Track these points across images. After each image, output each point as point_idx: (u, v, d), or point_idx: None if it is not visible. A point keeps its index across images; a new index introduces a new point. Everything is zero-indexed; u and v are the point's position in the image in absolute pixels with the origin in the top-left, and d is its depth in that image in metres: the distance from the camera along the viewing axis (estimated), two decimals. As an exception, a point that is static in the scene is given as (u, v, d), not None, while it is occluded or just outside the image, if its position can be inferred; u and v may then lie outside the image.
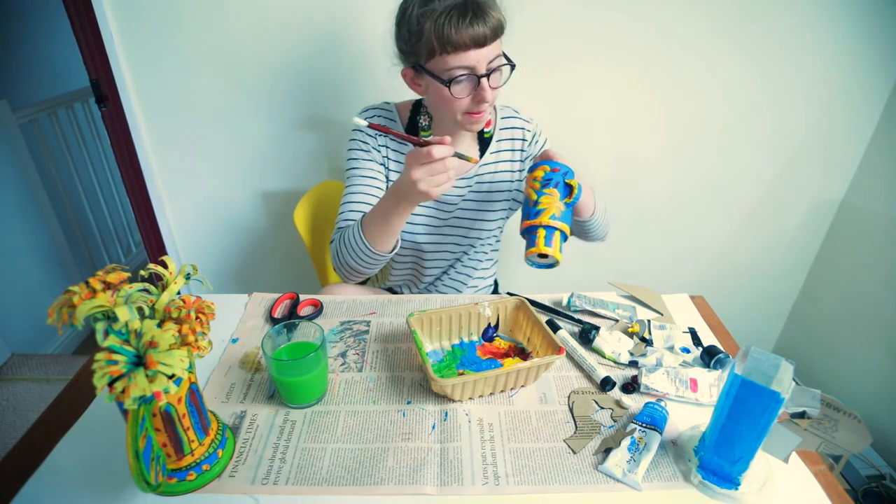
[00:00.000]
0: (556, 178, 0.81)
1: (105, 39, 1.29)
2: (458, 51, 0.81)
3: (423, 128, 0.97)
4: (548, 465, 0.64)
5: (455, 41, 0.80)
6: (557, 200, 0.80)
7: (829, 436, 0.56)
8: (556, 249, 0.79)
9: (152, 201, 1.50)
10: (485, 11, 0.80)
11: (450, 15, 0.79)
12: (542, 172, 0.82)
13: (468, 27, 0.79)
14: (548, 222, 0.79)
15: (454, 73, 0.83)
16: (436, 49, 0.82)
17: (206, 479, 0.61)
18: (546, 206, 0.80)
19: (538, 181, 0.82)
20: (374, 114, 0.99)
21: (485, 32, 0.80)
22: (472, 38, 0.80)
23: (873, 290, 1.47)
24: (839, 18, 1.30)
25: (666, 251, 1.64)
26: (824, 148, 1.48)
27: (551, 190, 0.81)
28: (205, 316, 0.56)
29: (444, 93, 0.85)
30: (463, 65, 0.82)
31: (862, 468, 1.34)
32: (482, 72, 0.84)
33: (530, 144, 1.04)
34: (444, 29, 0.79)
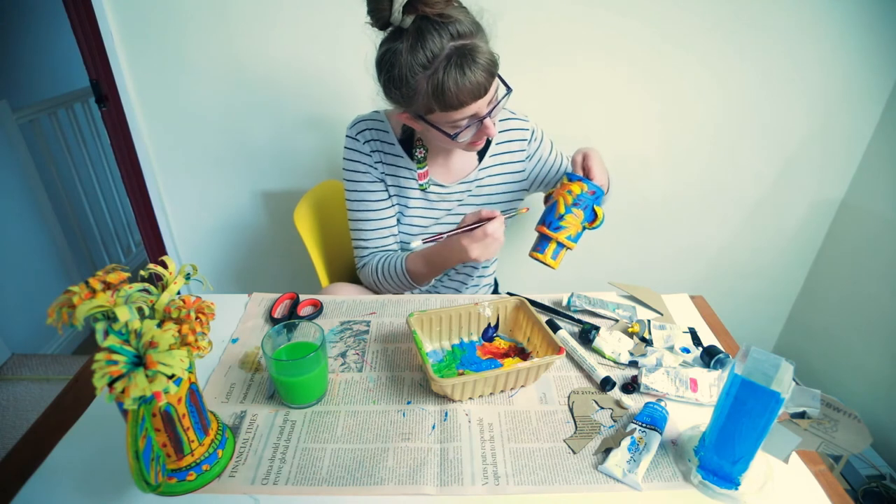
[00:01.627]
0: (588, 201, 0.85)
1: (105, 39, 1.29)
2: (458, 108, 0.79)
3: (419, 160, 0.97)
4: (548, 465, 0.64)
5: (456, 102, 0.77)
6: (579, 223, 0.86)
7: (829, 436, 0.56)
8: (557, 262, 0.88)
9: (152, 201, 1.50)
10: (476, 57, 0.76)
11: (447, 73, 0.75)
12: (578, 189, 0.85)
13: (465, 82, 0.76)
14: (562, 240, 0.86)
15: (459, 124, 0.82)
16: (434, 108, 0.79)
17: (206, 480, 0.61)
18: (568, 225, 0.86)
19: (572, 196, 0.85)
20: (366, 126, 0.97)
21: (482, 82, 0.77)
22: (472, 92, 0.77)
23: (873, 290, 1.47)
24: (839, 18, 1.30)
25: (666, 251, 1.64)
26: (824, 148, 1.48)
27: (578, 212, 0.85)
28: (205, 316, 0.56)
29: (446, 138, 0.84)
30: (465, 116, 0.81)
31: (862, 468, 1.34)
32: (484, 113, 0.82)
33: (530, 142, 1.04)
34: (444, 91, 0.76)
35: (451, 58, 0.75)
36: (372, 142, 0.96)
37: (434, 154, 0.99)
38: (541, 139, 1.05)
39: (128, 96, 1.36)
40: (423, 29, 0.75)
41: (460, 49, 0.76)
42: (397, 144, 0.97)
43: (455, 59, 0.75)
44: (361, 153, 0.97)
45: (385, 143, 0.97)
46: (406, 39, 0.76)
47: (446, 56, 0.75)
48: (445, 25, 0.75)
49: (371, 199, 0.98)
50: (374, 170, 0.97)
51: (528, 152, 1.04)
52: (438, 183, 1.00)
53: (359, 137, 0.96)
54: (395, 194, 1.00)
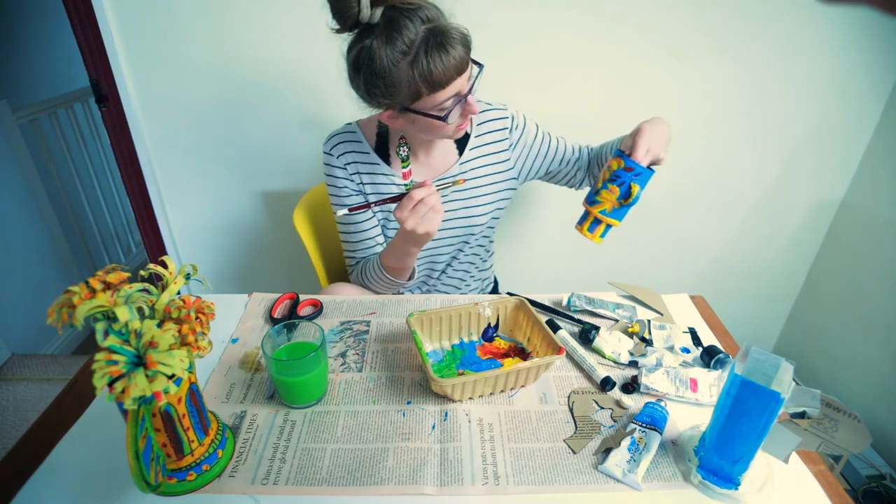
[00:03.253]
0: (624, 178, 0.85)
1: (105, 39, 1.29)
2: (445, 86, 0.80)
3: (403, 159, 0.96)
4: (548, 465, 0.64)
5: (444, 79, 0.78)
6: (614, 199, 0.86)
7: (829, 436, 0.56)
8: (596, 235, 0.89)
9: (152, 201, 1.50)
10: (451, 34, 0.77)
11: (430, 53, 0.76)
12: (616, 165, 0.85)
13: (450, 59, 0.77)
14: (597, 215, 0.87)
15: (446, 105, 0.82)
16: (423, 91, 0.80)
17: (206, 480, 0.61)
18: (602, 200, 0.86)
19: (609, 171, 0.85)
20: (339, 140, 0.98)
21: (462, 55, 0.79)
22: (456, 67, 0.78)
23: (873, 290, 1.47)
24: (839, 19, 1.30)
25: (666, 251, 1.64)
26: (824, 148, 1.48)
27: (614, 188, 0.85)
28: (205, 316, 0.56)
29: (436, 123, 0.85)
30: (451, 95, 0.81)
31: (862, 468, 1.34)
32: (467, 90, 0.83)
33: (512, 131, 1.02)
34: (431, 72, 0.77)
35: (429, 40, 0.77)
36: (346, 154, 0.98)
37: (414, 151, 0.99)
38: (523, 125, 1.03)
39: (128, 96, 1.36)
40: (395, 18, 0.76)
41: (434, 30, 0.77)
42: (372, 153, 0.98)
43: (433, 39, 0.77)
44: (337, 167, 0.98)
45: (360, 154, 0.98)
46: (379, 33, 0.77)
47: (423, 40, 0.77)
48: (414, 11, 0.77)
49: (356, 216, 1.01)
50: (352, 182, 0.99)
51: (510, 141, 1.02)
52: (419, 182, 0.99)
53: (333, 152, 0.98)
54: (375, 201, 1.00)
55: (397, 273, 0.98)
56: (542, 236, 1.60)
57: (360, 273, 1.04)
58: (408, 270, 0.98)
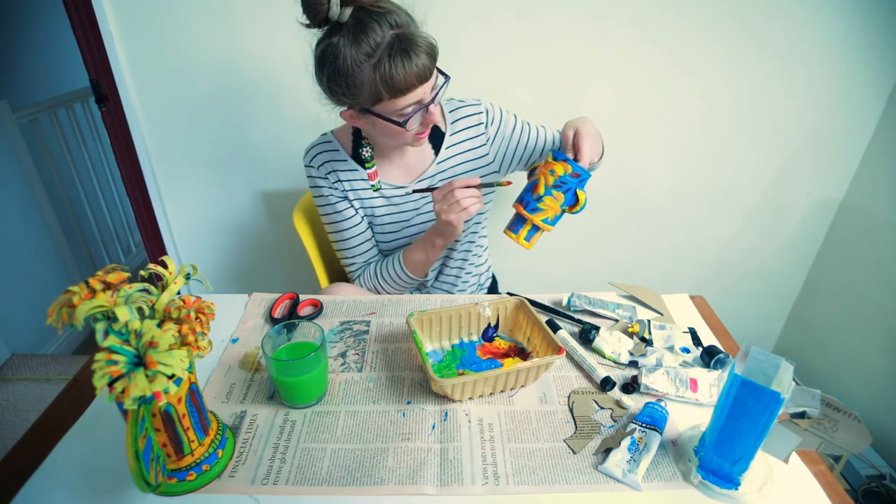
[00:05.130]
0: (571, 184, 0.80)
1: (105, 39, 1.29)
2: (407, 92, 0.80)
3: (367, 159, 0.97)
4: (548, 465, 0.64)
5: (405, 85, 0.79)
6: (558, 206, 0.82)
7: (829, 436, 0.56)
8: (531, 244, 0.85)
9: (152, 201, 1.50)
10: (416, 41, 0.78)
11: (393, 58, 0.76)
12: (562, 171, 0.80)
13: (413, 66, 0.77)
14: (538, 223, 0.82)
15: (405, 111, 0.82)
16: (384, 95, 0.80)
17: (206, 480, 0.61)
18: (546, 207, 0.81)
19: (554, 176, 0.80)
20: (317, 151, 0.99)
21: (427, 63, 0.79)
22: (418, 75, 0.79)
23: (873, 290, 1.47)
24: (839, 18, 1.30)
25: (666, 251, 1.64)
26: (824, 148, 1.48)
27: (559, 194, 0.81)
28: (205, 316, 0.56)
29: (394, 129, 0.85)
30: (411, 102, 0.82)
31: (862, 468, 1.34)
32: (429, 100, 0.84)
33: (488, 125, 1.01)
34: (392, 77, 0.77)
35: (394, 45, 0.77)
36: (325, 164, 0.99)
37: (385, 155, 0.99)
38: (499, 118, 1.02)
39: (128, 96, 1.36)
40: (363, 20, 0.77)
41: (401, 36, 0.77)
42: (350, 160, 0.99)
43: (398, 45, 0.77)
44: (319, 178, 0.99)
45: (338, 162, 0.99)
46: (346, 32, 0.77)
47: (388, 44, 0.77)
48: (383, 15, 0.77)
49: (341, 218, 1.01)
50: (336, 190, 0.99)
51: (487, 135, 1.01)
52: (396, 185, 1.00)
53: (313, 164, 0.99)
54: (360, 207, 1.01)
55: (418, 267, 0.99)
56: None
57: (372, 275, 1.04)
58: (430, 264, 1.00)
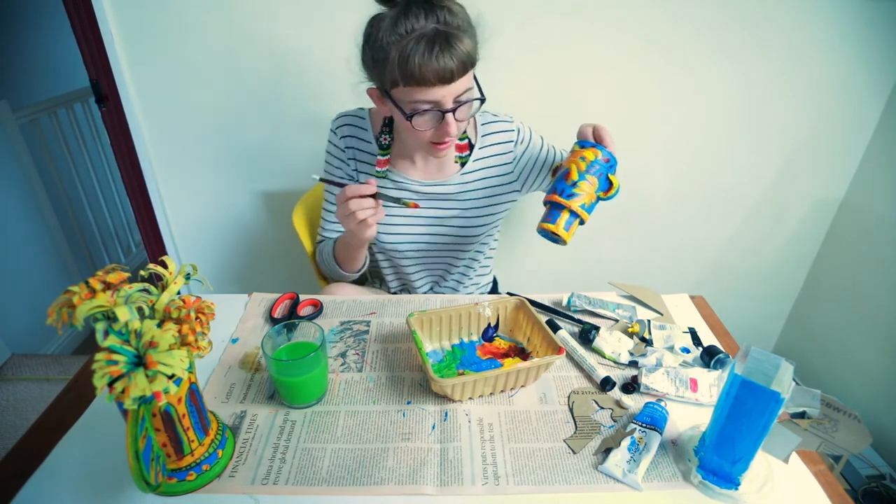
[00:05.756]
0: (603, 169, 0.79)
1: (105, 39, 1.29)
2: (421, 86, 0.77)
3: (382, 146, 0.95)
4: (548, 465, 0.64)
5: (419, 76, 0.76)
6: (594, 191, 0.79)
7: (829, 436, 0.56)
8: (570, 234, 0.80)
9: (152, 201, 1.50)
10: (453, 44, 0.75)
11: (417, 46, 0.75)
12: (592, 155, 0.79)
13: (433, 61, 0.75)
14: (576, 209, 0.78)
15: (417, 106, 0.80)
16: (398, 80, 0.78)
17: (206, 480, 0.61)
18: (582, 192, 0.78)
19: (585, 162, 0.78)
20: (345, 121, 0.98)
21: (451, 67, 0.76)
22: (437, 73, 0.76)
23: (873, 290, 1.47)
24: (839, 18, 1.30)
25: (666, 251, 1.64)
26: (824, 148, 1.48)
27: (593, 178, 0.78)
28: (205, 316, 0.56)
29: (407, 125, 0.83)
30: (427, 99, 0.79)
31: (862, 468, 1.34)
32: (448, 107, 0.80)
33: (517, 144, 1.00)
34: (408, 62, 0.75)
35: (427, 36, 0.75)
36: (348, 137, 0.98)
37: (409, 154, 0.98)
38: (528, 139, 1.01)
39: (128, 96, 1.36)
40: (412, 4, 0.77)
41: (439, 31, 0.76)
42: (374, 143, 0.97)
43: (430, 37, 0.75)
44: (337, 147, 0.99)
45: (361, 141, 0.98)
46: (395, 9, 0.78)
47: (423, 33, 0.76)
48: (435, 9, 0.76)
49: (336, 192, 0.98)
50: (347, 165, 0.99)
51: (514, 154, 1.00)
52: (414, 180, 0.98)
53: (337, 132, 0.99)
54: None
55: (345, 263, 0.99)
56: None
57: (319, 252, 1.05)
58: (355, 261, 0.98)
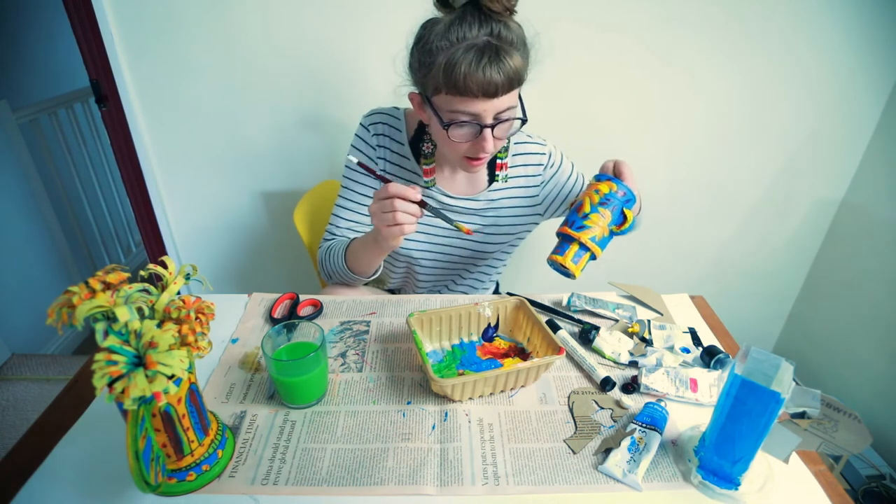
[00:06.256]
0: (617, 202, 0.77)
1: (105, 39, 1.29)
2: (465, 96, 0.75)
3: (426, 155, 0.93)
4: (548, 466, 0.64)
5: (462, 86, 0.74)
6: (606, 224, 0.77)
7: (829, 436, 0.56)
8: (578, 268, 0.77)
9: (152, 201, 1.50)
10: (502, 58, 0.74)
11: (465, 55, 0.73)
12: (607, 188, 0.77)
13: (480, 72, 0.73)
14: (585, 241, 0.76)
15: (456, 116, 0.78)
16: (441, 86, 0.76)
17: (206, 480, 0.61)
18: (593, 224, 0.76)
19: (599, 195, 0.77)
20: (380, 119, 0.95)
21: (497, 81, 0.74)
22: (482, 86, 0.74)
23: (873, 290, 1.47)
24: (840, 19, 1.30)
25: (666, 251, 1.64)
26: (824, 148, 1.48)
27: (605, 211, 0.77)
28: (204, 316, 0.56)
29: (443, 134, 0.81)
30: (467, 111, 0.77)
31: (862, 468, 1.34)
32: (488, 122, 0.78)
33: (546, 168, 0.99)
34: (454, 70, 0.74)
35: (477, 46, 0.74)
36: (381, 136, 0.95)
37: (442, 161, 0.96)
38: (559, 164, 1.00)
39: (128, 96, 1.36)
40: (468, 13, 0.75)
41: (490, 44, 0.74)
42: (406, 145, 0.95)
43: (480, 48, 0.73)
44: (367, 144, 0.96)
45: (394, 141, 0.95)
46: (450, 16, 0.76)
47: (474, 43, 0.74)
48: (491, 21, 0.75)
49: (358, 190, 0.97)
50: (375, 164, 0.96)
51: (543, 178, 0.99)
52: (444, 192, 0.97)
53: (370, 128, 0.95)
54: None
55: (355, 260, 0.92)
56: (542, 237, 1.59)
57: (326, 249, 0.97)
58: (368, 268, 0.92)
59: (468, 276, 1.09)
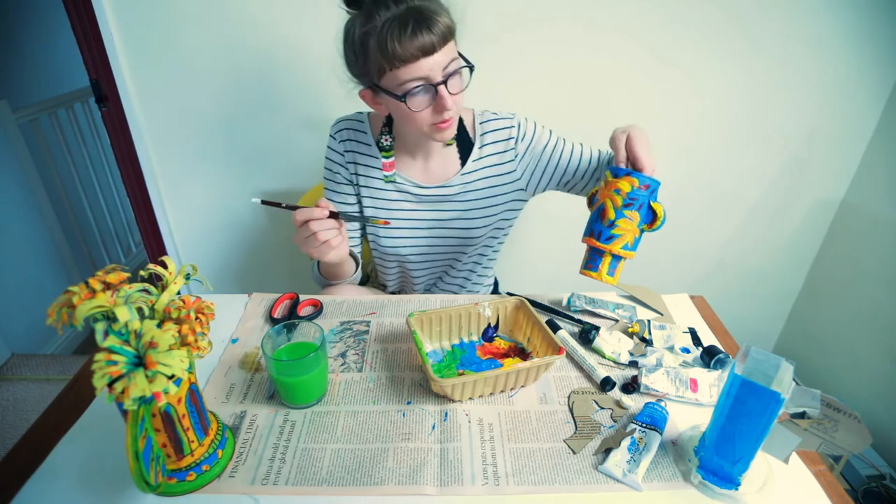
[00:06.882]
0: (643, 199, 0.70)
1: (105, 39, 1.29)
2: (406, 63, 0.77)
3: (384, 148, 0.95)
4: (548, 466, 0.64)
5: (401, 54, 0.76)
6: (636, 226, 0.71)
7: (829, 436, 0.56)
8: (616, 278, 0.72)
9: (152, 201, 1.50)
10: (428, 17, 0.76)
11: (392, 28, 0.76)
12: (628, 187, 0.70)
13: (412, 37, 0.75)
14: (618, 252, 0.71)
15: (408, 86, 0.79)
16: (384, 66, 0.78)
17: (206, 480, 0.61)
18: (622, 232, 0.70)
19: (621, 196, 0.70)
20: (344, 125, 0.98)
21: (431, 40, 0.76)
22: (419, 47, 0.76)
23: (873, 290, 1.47)
24: (840, 18, 1.30)
25: (666, 251, 1.64)
26: (824, 148, 1.48)
27: (633, 213, 0.70)
28: (204, 316, 0.56)
29: (403, 108, 0.82)
30: (415, 76, 0.78)
31: (862, 468, 1.34)
32: (438, 79, 0.80)
33: (518, 141, 0.97)
34: (387, 44, 0.76)
35: (400, 16, 0.76)
36: (347, 141, 0.98)
37: (409, 152, 0.97)
38: (532, 134, 0.97)
39: (128, 96, 1.36)
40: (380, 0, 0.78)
41: (411, 9, 0.77)
42: (374, 146, 0.97)
43: (403, 16, 0.76)
44: (336, 152, 0.99)
45: (361, 144, 0.97)
46: (366, 7, 0.79)
47: (396, 15, 0.76)
48: None
49: (335, 199, 1.00)
50: (346, 170, 0.99)
51: (516, 151, 0.97)
52: (417, 184, 0.97)
53: (336, 137, 0.98)
54: (367, 195, 0.99)
55: (330, 278, 0.99)
56: (542, 236, 1.60)
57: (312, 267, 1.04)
58: (335, 276, 0.98)
59: (462, 268, 1.08)
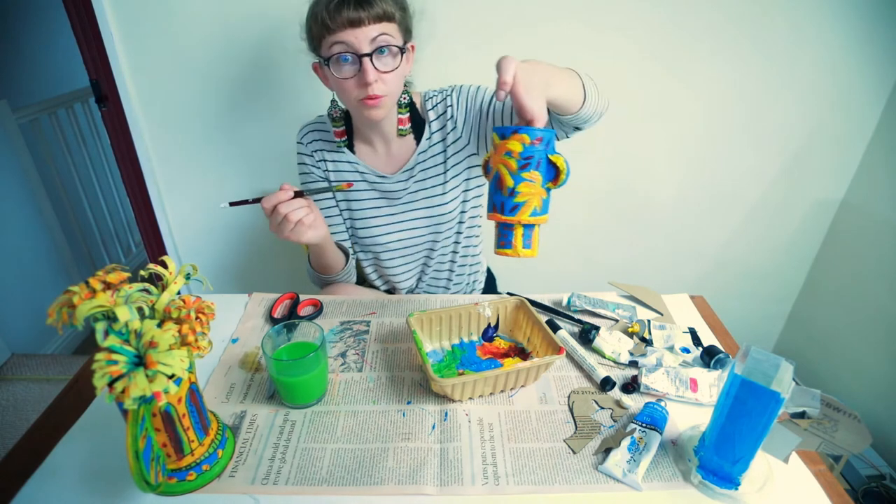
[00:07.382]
0: (539, 154, 0.61)
1: (105, 39, 1.29)
2: (336, 31, 0.81)
3: (334, 118, 0.98)
4: (548, 465, 0.64)
5: (328, 20, 0.81)
6: (539, 187, 0.62)
7: (829, 436, 0.56)
8: (534, 249, 0.65)
9: (152, 201, 1.50)
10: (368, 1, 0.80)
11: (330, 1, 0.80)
12: (519, 146, 0.61)
13: (344, 8, 0.80)
14: (526, 221, 0.63)
15: (333, 50, 0.83)
16: (321, 33, 0.83)
17: (206, 479, 0.61)
18: (527, 198, 0.62)
19: (514, 159, 0.61)
20: (309, 129, 1.01)
21: (359, 15, 0.80)
22: (347, 18, 0.80)
23: (873, 290, 1.47)
24: (840, 19, 1.30)
25: (666, 251, 1.64)
26: (824, 148, 1.48)
27: (532, 174, 0.61)
28: (205, 316, 0.56)
29: (334, 78, 0.85)
30: (340, 41, 0.82)
31: (862, 468, 1.34)
32: (364, 50, 0.82)
33: (455, 107, 0.96)
34: (321, 11, 0.81)
35: None
36: (314, 142, 1.01)
37: (369, 142, 1.00)
38: (458, 93, 0.96)
39: (128, 96, 1.36)
40: None
41: None
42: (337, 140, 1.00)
43: None
44: (305, 154, 1.02)
45: (326, 142, 1.01)
46: None
47: None
48: None
49: (315, 197, 1.02)
50: (317, 169, 1.02)
51: (454, 118, 0.96)
52: (378, 173, 1.00)
53: (303, 140, 1.02)
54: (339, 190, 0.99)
55: (321, 270, 1.01)
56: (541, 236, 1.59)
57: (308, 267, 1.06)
58: (326, 267, 1.00)
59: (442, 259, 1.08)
